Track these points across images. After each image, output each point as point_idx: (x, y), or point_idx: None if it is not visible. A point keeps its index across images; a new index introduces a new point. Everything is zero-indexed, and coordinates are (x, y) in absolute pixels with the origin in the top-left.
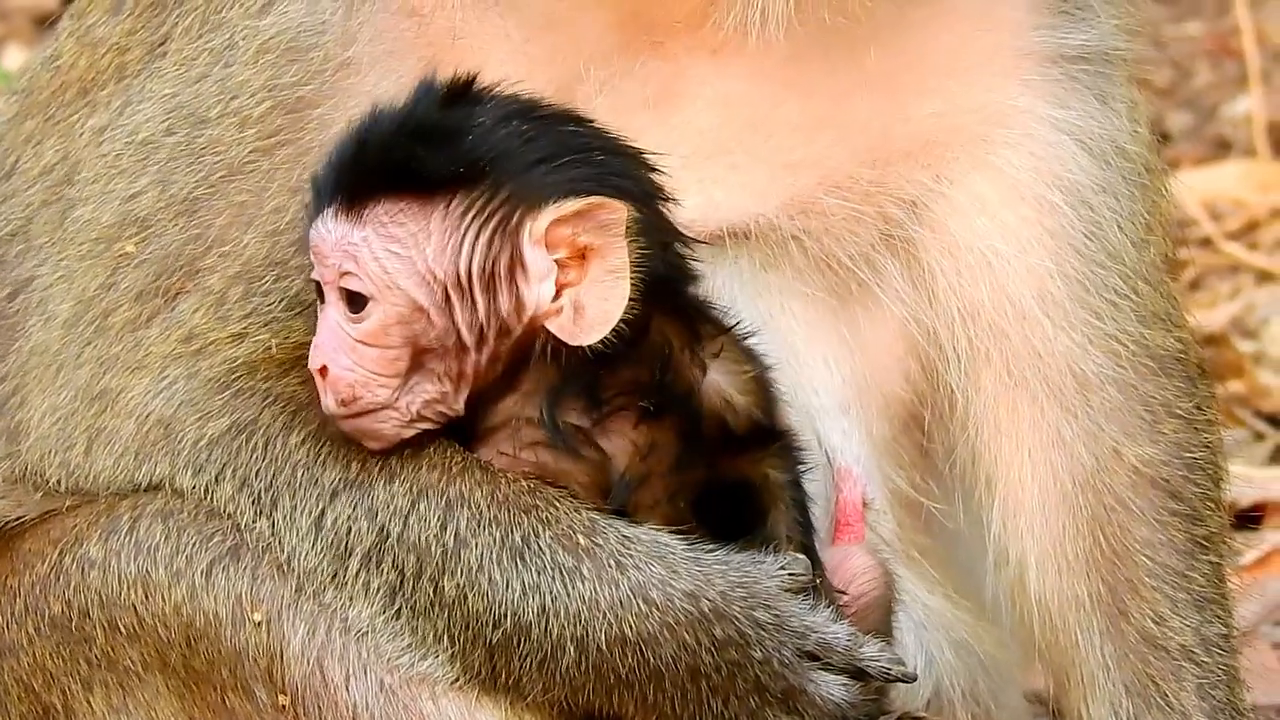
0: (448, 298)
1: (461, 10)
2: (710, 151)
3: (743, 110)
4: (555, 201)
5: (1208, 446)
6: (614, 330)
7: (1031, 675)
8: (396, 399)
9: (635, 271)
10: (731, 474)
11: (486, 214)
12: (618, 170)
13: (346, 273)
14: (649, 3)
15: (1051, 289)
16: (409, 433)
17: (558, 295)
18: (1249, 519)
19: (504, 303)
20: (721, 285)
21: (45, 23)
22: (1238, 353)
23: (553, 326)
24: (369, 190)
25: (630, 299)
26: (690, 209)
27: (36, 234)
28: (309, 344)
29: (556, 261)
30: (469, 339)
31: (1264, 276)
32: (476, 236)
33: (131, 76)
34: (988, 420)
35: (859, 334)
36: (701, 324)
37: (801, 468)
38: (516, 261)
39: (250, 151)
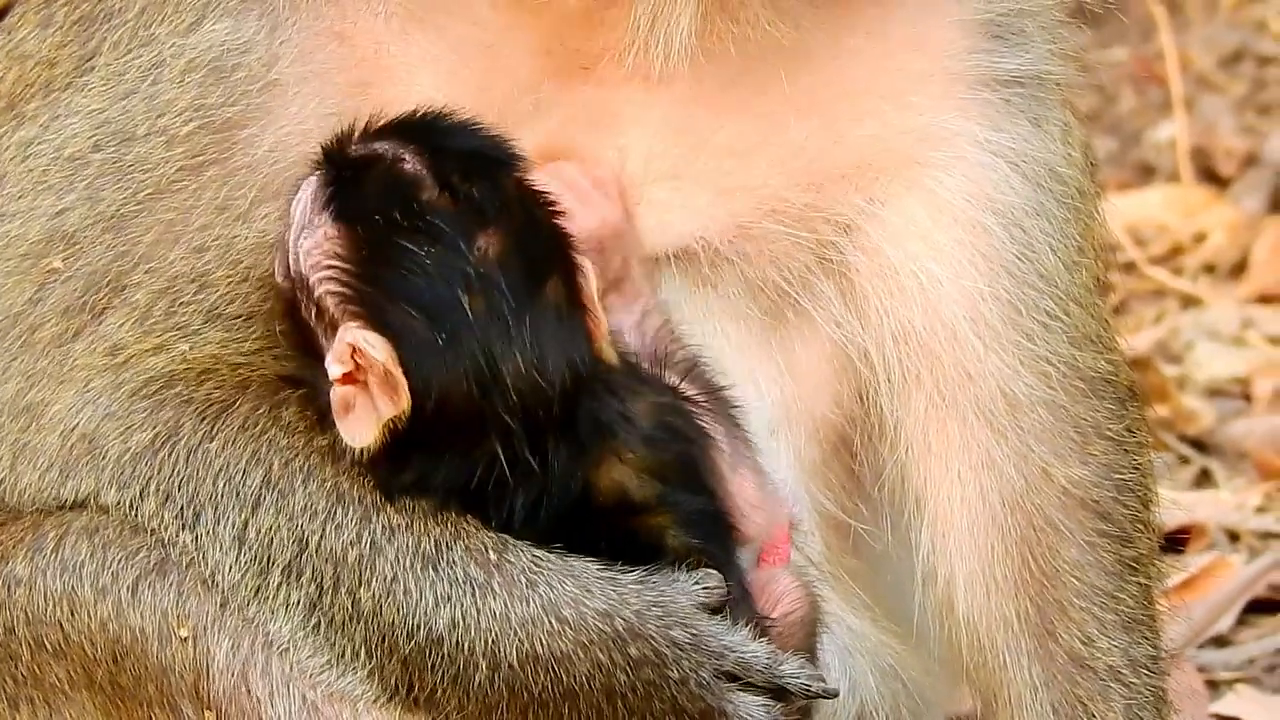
0: (294, 288)
1: (387, 33)
2: (648, 176)
3: (679, 135)
4: (362, 328)
5: (1137, 468)
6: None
7: (958, 699)
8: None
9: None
10: (609, 530)
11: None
12: (448, 325)
13: None
14: (572, 31)
15: (983, 311)
16: None
17: (343, 381)
18: (1174, 542)
19: (321, 340)
20: (665, 306)
21: None
22: (1162, 377)
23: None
24: (339, 162)
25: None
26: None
27: None
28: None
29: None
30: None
31: (1188, 301)
32: (328, 280)
33: (59, 90)
34: (918, 441)
35: (792, 356)
36: (593, 438)
37: (708, 497)
38: (331, 330)
39: (177, 170)
